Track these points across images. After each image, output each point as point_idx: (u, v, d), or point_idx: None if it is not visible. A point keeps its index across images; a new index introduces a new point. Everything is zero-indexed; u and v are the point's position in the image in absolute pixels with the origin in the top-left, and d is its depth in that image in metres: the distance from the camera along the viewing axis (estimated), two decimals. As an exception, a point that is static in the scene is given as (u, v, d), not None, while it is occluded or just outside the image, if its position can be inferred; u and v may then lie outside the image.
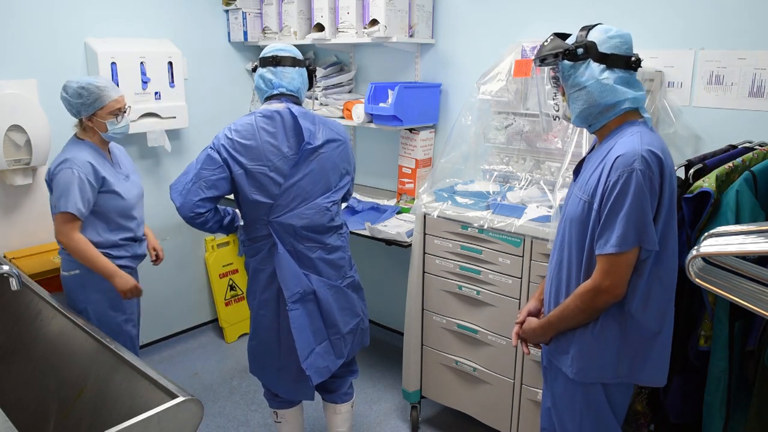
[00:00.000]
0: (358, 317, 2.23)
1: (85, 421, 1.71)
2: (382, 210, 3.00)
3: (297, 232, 2.05)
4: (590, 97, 1.51)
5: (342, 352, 2.19)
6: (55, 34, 2.79)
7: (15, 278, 1.96)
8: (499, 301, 2.29)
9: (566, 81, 1.56)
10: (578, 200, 1.55)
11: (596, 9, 2.42)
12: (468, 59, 2.86)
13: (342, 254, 2.17)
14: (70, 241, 2.14)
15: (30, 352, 2.06)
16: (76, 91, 2.15)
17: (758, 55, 2.07)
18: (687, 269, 1.03)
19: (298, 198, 2.03)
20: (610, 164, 1.44)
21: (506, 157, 2.53)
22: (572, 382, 1.62)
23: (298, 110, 2.03)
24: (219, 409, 2.92)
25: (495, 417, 2.40)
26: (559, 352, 1.63)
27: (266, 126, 2.01)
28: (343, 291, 2.17)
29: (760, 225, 0.92)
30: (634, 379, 1.58)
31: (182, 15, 3.25)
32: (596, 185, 1.49)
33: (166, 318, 3.48)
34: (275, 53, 2.04)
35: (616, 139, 1.50)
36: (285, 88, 2.05)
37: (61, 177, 2.12)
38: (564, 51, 1.51)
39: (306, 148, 2.01)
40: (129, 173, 2.38)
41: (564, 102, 1.62)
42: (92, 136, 2.25)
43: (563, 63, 1.53)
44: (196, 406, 1.43)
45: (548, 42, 1.57)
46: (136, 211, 2.34)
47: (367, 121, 2.91)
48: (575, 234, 1.56)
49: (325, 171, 2.07)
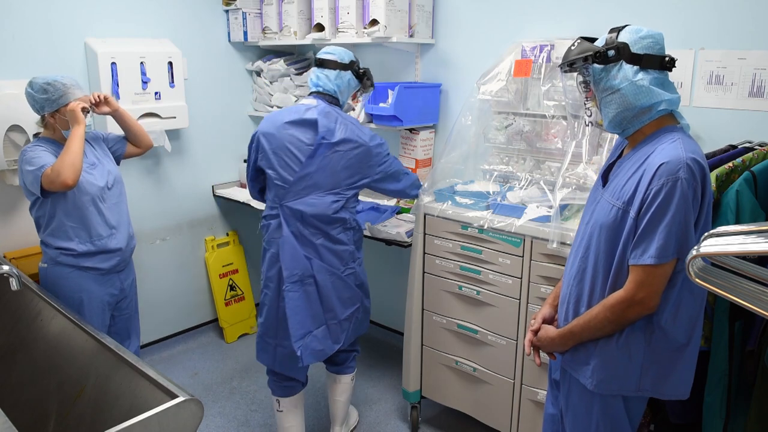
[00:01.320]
0: (356, 305, 2.33)
1: (85, 421, 1.71)
2: (382, 210, 3.00)
3: (304, 218, 2.18)
4: (624, 100, 1.46)
5: (339, 337, 2.30)
6: (55, 34, 2.79)
7: (15, 278, 1.97)
8: (499, 301, 2.29)
9: (597, 85, 1.50)
10: (610, 207, 1.49)
11: (596, 9, 2.42)
12: (468, 59, 2.86)
13: (346, 248, 2.26)
14: (60, 175, 2.07)
15: (30, 352, 2.06)
16: (41, 86, 2.16)
17: (758, 55, 2.07)
18: (687, 269, 1.03)
19: (309, 187, 2.18)
20: (652, 171, 1.38)
21: (506, 157, 2.53)
22: (590, 394, 1.57)
23: (322, 108, 2.18)
24: (219, 409, 2.92)
25: (495, 417, 2.40)
26: (578, 363, 1.58)
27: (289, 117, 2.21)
28: (344, 280, 2.27)
29: (761, 225, 0.92)
30: (656, 393, 1.53)
31: (182, 15, 3.25)
32: (633, 192, 1.43)
33: (166, 318, 3.48)
34: (320, 56, 2.25)
35: (654, 145, 1.45)
36: (322, 87, 2.24)
37: (25, 156, 2.15)
38: (594, 54, 1.45)
39: (322, 143, 2.15)
40: (96, 161, 2.33)
41: (594, 107, 1.56)
42: (53, 132, 2.26)
43: (594, 67, 1.47)
44: (196, 406, 1.43)
45: (575, 46, 1.51)
46: (103, 199, 2.28)
47: (367, 121, 2.91)
48: (604, 241, 1.49)
49: (336, 168, 2.18)
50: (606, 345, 1.51)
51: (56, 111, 2.19)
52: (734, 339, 1.70)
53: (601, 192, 1.58)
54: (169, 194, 3.36)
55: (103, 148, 2.43)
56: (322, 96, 2.24)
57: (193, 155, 3.44)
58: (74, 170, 2.11)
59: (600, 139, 2.23)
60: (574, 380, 1.61)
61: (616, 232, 1.47)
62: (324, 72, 2.24)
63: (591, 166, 2.19)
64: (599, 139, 2.23)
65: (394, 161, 2.34)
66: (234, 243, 3.68)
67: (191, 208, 3.48)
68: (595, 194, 1.62)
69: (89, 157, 2.32)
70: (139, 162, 3.17)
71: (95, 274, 2.27)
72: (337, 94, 2.26)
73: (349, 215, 2.26)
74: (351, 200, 2.26)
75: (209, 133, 3.47)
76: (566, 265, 1.68)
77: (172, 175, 3.35)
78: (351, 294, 2.31)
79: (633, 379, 1.51)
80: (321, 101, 2.22)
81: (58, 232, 2.22)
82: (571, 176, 2.19)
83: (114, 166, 2.42)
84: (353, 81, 2.29)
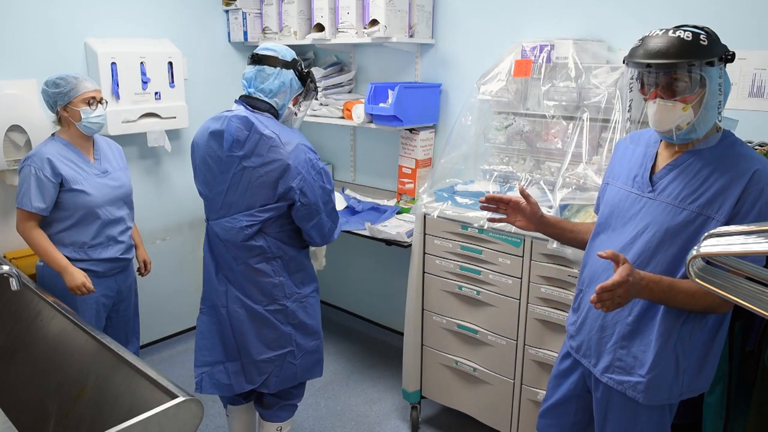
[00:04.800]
0: (284, 348, 2.05)
1: (85, 421, 1.71)
2: (382, 210, 3.00)
3: (222, 242, 1.99)
4: (720, 102, 1.43)
5: (254, 379, 2.05)
6: (55, 34, 2.79)
7: (15, 278, 1.96)
8: (499, 302, 2.28)
9: (701, 87, 1.41)
10: (677, 210, 1.46)
11: (596, 9, 2.42)
12: (468, 59, 2.86)
13: (270, 280, 1.99)
14: (26, 236, 2.22)
15: (30, 352, 2.06)
16: (54, 81, 2.22)
17: (758, 55, 2.07)
18: (687, 269, 1.03)
19: (225, 206, 1.96)
20: (747, 178, 1.38)
21: (506, 157, 2.53)
22: (634, 405, 1.55)
23: (238, 116, 1.91)
24: (219, 408, 2.92)
25: (495, 417, 2.40)
26: (624, 376, 1.55)
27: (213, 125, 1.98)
28: (264, 317, 2.01)
29: (761, 225, 0.92)
30: (692, 392, 1.53)
31: (182, 15, 3.25)
32: (716, 197, 1.41)
33: (166, 318, 3.48)
34: (258, 52, 1.98)
35: (723, 150, 1.45)
36: (255, 88, 1.97)
37: (21, 174, 2.20)
38: (724, 55, 1.40)
39: (231, 155, 1.91)
40: (111, 170, 2.35)
41: (685, 111, 1.44)
42: (68, 129, 2.27)
43: (711, 69, 1.39)
44: (196, 406, 1.43)
45: (673, 45, 1.39)
46: (106, 209, 2.28)
47: (367, 122, 2.91)
48: (670, 245, 1.47)
49: (251, 186, 1.91)
50: (661, 358, 1.49)
51: (68, 104, 2.21)
52: (734, 339, 1.70)
53: (651, 195, 1.53)
54: (169, 194, 3.36)
55: (121, 161, 2.44)
56: (248, 100, 1.96)
57: (193, 155, 3.43)
58: (32, 249, 2.24)
59: (600, 139, 2.23)
60: (615, 393, 1.58)
61: (687, 236, 1.45)
62: (261, 70, 1.95)
63: (591, 166, 2.19)
64: (599, 139, 2.23)
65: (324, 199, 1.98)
66: (234, 243, 3.67)
67: (191, 208, 3.48)
68: (635, 199, 1.57)
69: (102, 164, 2.34)
70: (139, 162, 3.17)
71: (89, 275, 2.26)
72: (272, 96, 1.96)
73: (269, 243, 1.96)
74: (270, 225, 1.95)
75: (209, 133, 3.47)
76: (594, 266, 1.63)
77: (172, 175, 3.35)
78: (276, 335, 2.02)
79: (678, 385, 1.51)
80: (242, 106, 1.95)
81: (53, 237, 2.23)
82: (571, 176, 2.19)
83: (127, 178, 2.42)
84: (295, 82, 1.98)
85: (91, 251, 2.27)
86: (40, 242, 2.20)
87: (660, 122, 1.46)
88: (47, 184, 2.16)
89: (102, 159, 2.35)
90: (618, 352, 1.55)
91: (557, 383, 1.78)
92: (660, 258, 1.49)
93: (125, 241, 2.38)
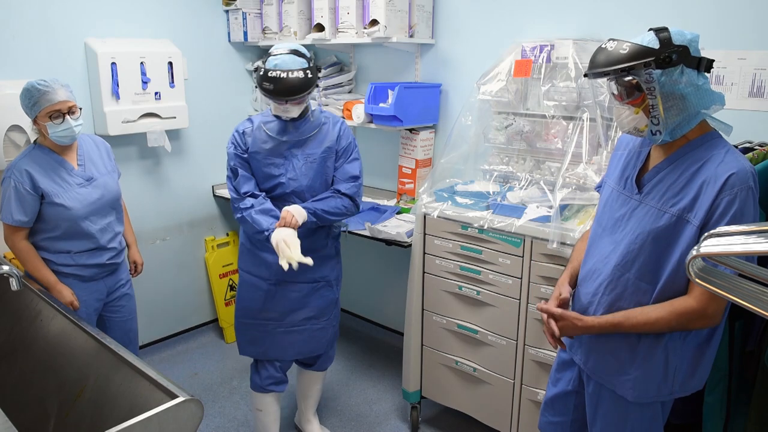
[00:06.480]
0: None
1: (85, 421, 1.71)
2: (382, 210, 3.00)
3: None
4: (688, 106, 1.40)
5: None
6: (55, 34, 2.79)
7: (15, 278, 1.96)
8: (499, 302, 2.28)
9: (654, 90, 1.40)
10: (660, 213, 1.46)
11: (596, 9, 2.42)
12: (468, 59, 2.86)
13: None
14: (13, 249, 2.21)
15: (30, 352, 2.06)
16: (23, 91, 2.10)
17: (758, 55, 2.07)
18: (687, 269, 1.03)
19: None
20: (721, 181, 1.37)
21: (506, 158, 2.53)
22: (625, 403, 1.57)
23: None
24: (219, 409, 2.92)
25: (495, 417, 2.40)
26: (612, 374, 1.57)
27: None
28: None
29: (761, 225, 0.92)
30: (684, 392, 1.53)
31: (182, 15, 3.25)
32: (694, 200, 1.41)
33: (166, 318, 3.48)
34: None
35: (705, 152, 1.43)
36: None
37: (2, 186, 2.16)
38: (662, 57, 1.36)
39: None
40: (97, 174, 2.27)
41: (636, 114, 1.46)
42: (45, 139, 2.18)
43: (654, 72, 1.37)
44: (196, 406, 1.43)
45: (625, 49, 1.39)
46: (91, 220, 2.23)
47: (367, 122, 2.91)
48: (653, 248, 1.47)
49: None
50: (649, 356, 1.50)
51: (35, 118, 2.10)
52: (734, 339, 1.70)
53: (638, 198, 1.54)
54: (169, 194, 3.36)
55: (109, 162, 2.36)
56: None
57: (193, 155, 3.43)
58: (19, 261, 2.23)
59: (600, 139, 2.23)
60: (605, 390, 1.59)
61: (668, 240, 1.45)
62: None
63: (591, 166, 2.19)
64: (599, 139, 2.23)
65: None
66: (234, 243, 3.67)
67: (191, 208, 3.48)
68: (625, 200, 1.58)
69: (87, 169, 2.25)
70: (139, 162, 3.17)
71: (76, 279, 2.25)
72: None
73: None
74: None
75: (209, 133, 3.47)
76: (596, 265, 1.62)
77: (172, 175, 3.35)
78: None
79: (668, 383, 1.52)
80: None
81: (40, 243, 2.22)
82: (571, 176, 2.19)
83: (115, 183, 2.34)
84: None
85: (78, 257, 2.24)
86: (28, 258, 2.19)
87: (619, 124, 1.53)
88: (27, 197, 2.11)
89: (87, 163, 2.26)
90: (607, 349, 1.58)
91: (557, 377, 1.81)
92: (643, 260, 1.50)
93: (115, 248, 2.33)
